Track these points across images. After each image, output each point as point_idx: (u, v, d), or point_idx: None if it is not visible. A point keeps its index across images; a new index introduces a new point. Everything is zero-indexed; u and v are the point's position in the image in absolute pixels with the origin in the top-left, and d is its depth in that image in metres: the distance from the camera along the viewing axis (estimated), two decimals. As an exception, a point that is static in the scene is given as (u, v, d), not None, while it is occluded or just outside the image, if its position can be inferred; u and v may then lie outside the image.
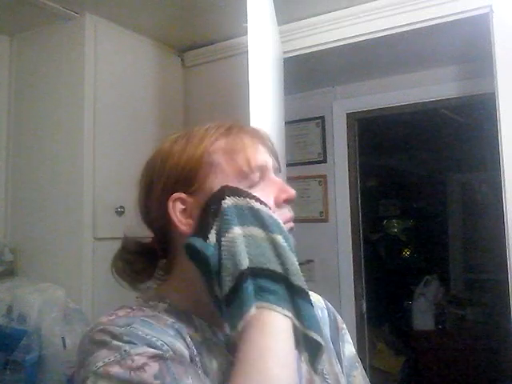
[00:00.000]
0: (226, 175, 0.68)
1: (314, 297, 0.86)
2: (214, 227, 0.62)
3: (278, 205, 0.70)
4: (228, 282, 0.58)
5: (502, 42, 1.70)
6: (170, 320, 0.66)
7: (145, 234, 0.76)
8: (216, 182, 0.67)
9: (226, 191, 0.64)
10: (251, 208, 0.62)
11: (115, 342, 0.58)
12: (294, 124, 2.84)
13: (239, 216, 0.61)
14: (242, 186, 0.67)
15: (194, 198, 0.68)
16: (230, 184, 0.67)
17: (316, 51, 2.09)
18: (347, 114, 2.82)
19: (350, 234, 2.78)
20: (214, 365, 0.65)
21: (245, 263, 0.58)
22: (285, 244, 0.60)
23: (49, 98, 2.01)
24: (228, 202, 0.63)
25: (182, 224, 0.68)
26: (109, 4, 1.90)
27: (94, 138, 1.91)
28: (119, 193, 1.93)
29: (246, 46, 1.52)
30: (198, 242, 0.61)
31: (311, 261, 2.75)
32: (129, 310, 0.67)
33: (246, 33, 1.53)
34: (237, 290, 0.57)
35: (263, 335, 0.55)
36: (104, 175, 1.93)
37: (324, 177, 2.85)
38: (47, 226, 1.94)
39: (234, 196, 0.63)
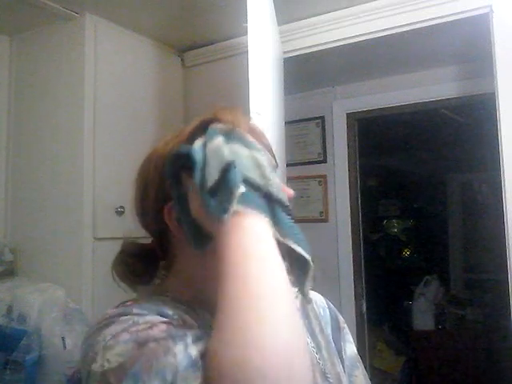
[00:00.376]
0: None
1: (316, 296, 0.86)
2: (200, 140, 0.60)
3: None
4: (213, 175, 0.55)
5: (502, 42, 1.70)
6: (175, 306, 0.66)
7: (145, 234, 0.76)
8: None
9: (216, 121, 0.63)
10: (239, 133, 0.60)
11: (124, 317, 0.58)
12: (294, 124, 2.84)
13: (225, 135, 0.59)
14: None
15: None
16: None
17: (316, 51, 2.09)
18: (347, 114, 2.82)
19: (349, 234, 2.78)
20: None
21: (230, 160, 0.55)
22: (268, 165, 0.58)
23: (49, 98, 2.01)
24: (216, 125, 0.61)
25: (180, 232, 0.66)
26: (109, 4, 1.90)
27: (94, 137, 1.91)
28: (119, 193, 1.92)
29: (246, 46, 1.52)
30: (183, 148, 0.60)
31: (311, 261, 2.74)
32: (133, 302, 0.66)
33: (246, 33, 1.53)
34: (223, 178, 0.55)
35: (246, 237, 0.52)
36: (104, 175, 1.93)
37: (324, 177, 2.85)
38: (47, 226, 1.94)
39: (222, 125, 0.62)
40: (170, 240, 0.72)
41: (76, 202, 1.88)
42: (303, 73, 2.51)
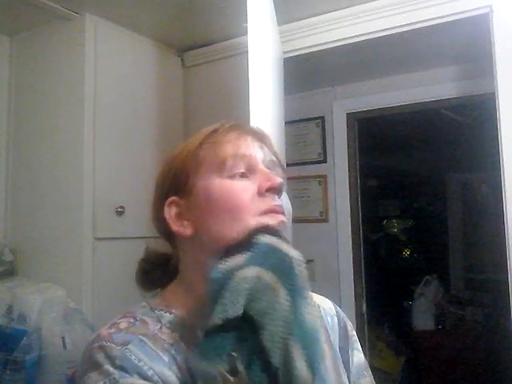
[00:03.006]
0: (207, 168, 0.69)
1: (326, 303, 0.85)
2: (244, 258, 0.59)
3: (260, 193, 0.67)
4: (215, 318, 0.55)
5: (502, 42, 1.70)
6: (169, 341, 0.65)
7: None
8: (199, 177, 0.69)
9: (267, 230, 0.62)
10: (284, 255, 0.59)
11: (107, 367, 0.59)
12: (294, 124, 2.84)
13: (265, 257, 0.59)
14: (223, 176, 0.67)
15: (186, 199, 0.70)
16: (212, 176, 0.68)
17: (316, 51, 2.09)
18: (347, 114, 2.82)
19: (349, 234, 2.78)
20: None
21: (238, 309, 0.55)
22: (286, 303, 0.56)
23: (49, 98, 2.01)
24: (264, 239, 0.60)
25: (177, 225, 0.69)
26: (109, 4, 1.90)
27: (94, 137, 1.91)
28: (119, 193, 1.92)
29: (246, 46, 1.52)
30: (213, 272, 0.59)
31: (311, 261, 2.74)
32: (132, 321, 0.66)
33: (246, 33, 1.53)
34: (217, 335, 0.55)
35: None
36: (104, 175, 1.92)
37: (324, 177, 2.85)
38: (47, 226, 1.94)
39: (272, 236, 0.61)
40: (174, 243, 0.73)
41: (76, 202, 1.88)
42: (303, 73, 2.51)
